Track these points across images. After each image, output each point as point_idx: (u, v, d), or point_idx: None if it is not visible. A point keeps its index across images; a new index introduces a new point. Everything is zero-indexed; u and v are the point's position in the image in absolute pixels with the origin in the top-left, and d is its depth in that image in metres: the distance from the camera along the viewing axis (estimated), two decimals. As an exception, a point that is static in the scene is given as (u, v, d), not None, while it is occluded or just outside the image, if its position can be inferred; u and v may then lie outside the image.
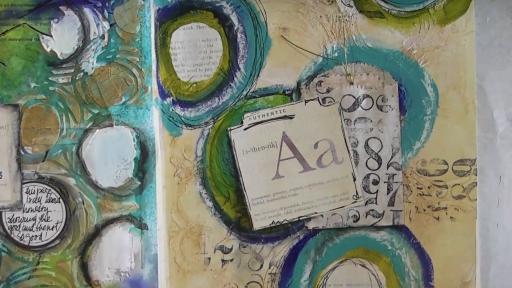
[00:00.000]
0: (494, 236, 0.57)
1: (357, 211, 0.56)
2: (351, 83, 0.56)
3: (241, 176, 0.56)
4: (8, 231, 0.55)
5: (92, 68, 0.55)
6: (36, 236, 0.55)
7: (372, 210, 0.56)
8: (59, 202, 0.55)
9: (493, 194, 0.57)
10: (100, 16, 0.55)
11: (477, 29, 0.56)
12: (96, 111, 0.55)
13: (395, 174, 0.56)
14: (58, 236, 0.55)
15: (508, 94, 0.56)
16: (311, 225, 0.56)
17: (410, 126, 0.56)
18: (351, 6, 0.56)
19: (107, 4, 0.55)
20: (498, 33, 0.56)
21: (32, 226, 0.55)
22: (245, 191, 0.56)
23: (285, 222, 0.56)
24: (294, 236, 0.57)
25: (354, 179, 0.56)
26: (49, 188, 0.55)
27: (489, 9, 0.56)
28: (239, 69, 0.56)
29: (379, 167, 0.56)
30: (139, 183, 0.55)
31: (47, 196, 0.55)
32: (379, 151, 0.56)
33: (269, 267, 0.57)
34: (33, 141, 0.55)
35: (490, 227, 0.56)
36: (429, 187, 0.56)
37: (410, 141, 0.56)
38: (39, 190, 0.55)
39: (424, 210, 0.56)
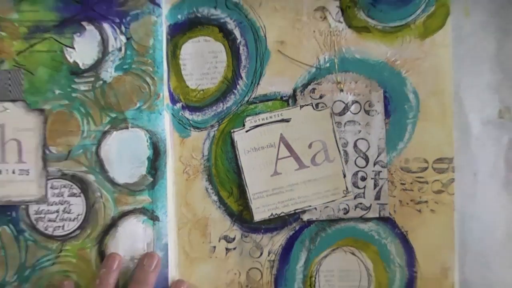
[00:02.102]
0: (470, 226, 0.57)
1: (347, 205, 0.57)
2: (341, 90, 0.57)
3: (243, 173, 0.57)
4: (34, 222, 0.55)
5: (110, 77, 0.55)
6: (59, 226, 0.55)
7: (361, 203, 0.57)
8: (80, 196, 0.55)
9: (468, 189, 0.57)
10: (118, 31, 0.55)
11: (453, 42, 0.56)
12: (113, 115, 0.55)
13: (381, 171, 0.57)
14: (79, 226, 0.55)
15: (482, 100, 0.57)
16: (305, 217, 0.57)
17: (394, 128, 0.57)
18: (341, 22, 0.57)
19: (124, 20, 0.55)
20: (472, 46, 0.57)
21: (56, 218, 0.55)
22: (246, 186, 0.57)
23: (283, 214, 0.57)
24: (290, 227, 0.57)
25: (344, 176, 0.57)
26: (71, 183, 0.55)
27: (464, 24, 0.57)
28: (241, 77, 0.57)
29: (366, 165, 0.57)
30: (151, 179, 0.56)
31: (69, 191, 0.55)
32: (366, 151, 0.57)
33: (268, 255, 0.57)
34: (57, 142, 0.55)
35: (466, 218, 0.57)
36: (411, 183, 0.57)
37: (394, 142, 0.57)
38: (62, 186, 0.55)
39: (407, 204, 0.57)
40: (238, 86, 0.57)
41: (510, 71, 0.57)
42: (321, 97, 0.57)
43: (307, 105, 0.57)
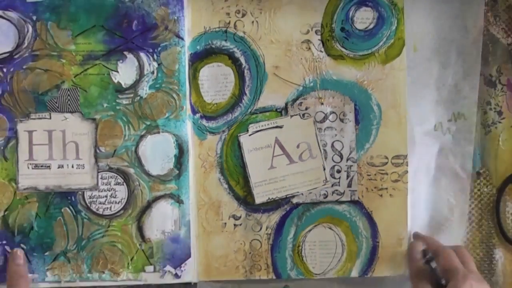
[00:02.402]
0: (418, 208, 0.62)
1: (326, 191, 0.61)
2: (322, 104, 0.61)
3: (247, 167, 0.61)
4: (88, 204, 0.60)
5: (146, 93, 0.59)
6: (107, 208, 0.60)
7: (336, 190, 0.61)
8: (123, 184, 0.59)
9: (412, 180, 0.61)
10: (151, 58, 0.59)
11: (407, 69, 0.61)
12: (148, 123, 0.59)
13: (352, 166, 0.61)
14: (122, 208, 0.60)
15: (423, 117, 0.62)
16: (294, 200, 0.61)
17: (362, 133, 0.61)
18: (322, 51, 0.61)
19: (156, 50, 0.59)
20: (419, 74, 0.62)
21: (105, 201, 0.60)
22: (249, 177, 0.61)
23: (277, 198, 0.61)
24: (283, 208, 0.61)
25: (324, 169, 0.61)
26: (116, 175, 0.59)
27: (414, 57, 0.62)
28: (246, 94, 0.60)
29: (341, 161, 0.61)
30: (177, 171, 0.59)
31: (115, 181, 0.59)
32: (341, 150, 0.61)
33: (266, 229, 0.61)
34: (105, 143, 0.59)
35: (416, 201, 0.62)
36: (375, 174, 0.61)
37: (362, 143, 0.61)
38: (110, 177, 0.60)
39: (372, 190, 0.61)
40: (243, 101, 0.61)
41: (443, 96, 0.62)
42: (306, 109, 0.61)
43: (296, 115, 0.60)
